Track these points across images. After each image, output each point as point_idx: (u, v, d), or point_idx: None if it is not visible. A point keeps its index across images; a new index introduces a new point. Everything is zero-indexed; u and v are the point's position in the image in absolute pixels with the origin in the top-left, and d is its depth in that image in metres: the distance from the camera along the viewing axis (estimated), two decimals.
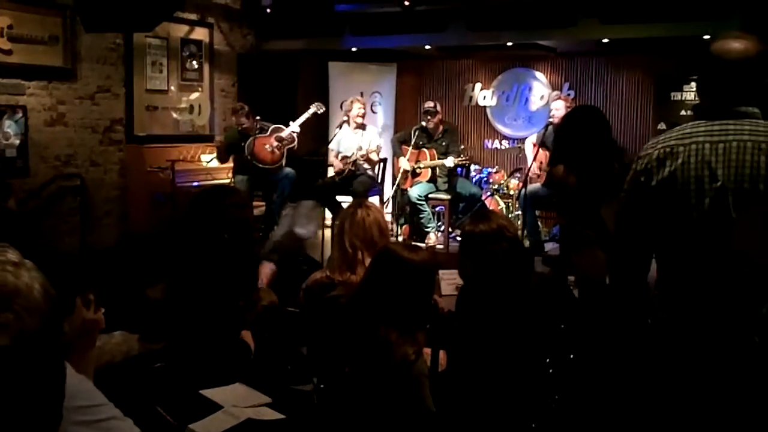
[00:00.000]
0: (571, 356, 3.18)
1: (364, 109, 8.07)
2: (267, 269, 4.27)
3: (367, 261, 3.21)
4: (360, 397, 2.60)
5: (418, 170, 7.82)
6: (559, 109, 7.20)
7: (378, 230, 3.36)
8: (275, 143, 7.77)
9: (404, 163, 7.78)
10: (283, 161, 7.84)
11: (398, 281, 2.66)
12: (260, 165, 7.75)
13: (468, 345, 2.95)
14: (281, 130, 7.85)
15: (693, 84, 8.54)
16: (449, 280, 4.11)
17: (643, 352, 2.45)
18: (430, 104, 7.92)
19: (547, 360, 3.01)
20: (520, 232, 6.34)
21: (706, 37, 7.08)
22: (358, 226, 3.34)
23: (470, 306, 3.01)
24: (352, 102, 8.07)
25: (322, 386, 2.76)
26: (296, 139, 7.85)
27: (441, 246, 7.77)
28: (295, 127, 7.83)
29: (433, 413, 2.63)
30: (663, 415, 2.37)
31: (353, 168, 7.86)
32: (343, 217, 3.47)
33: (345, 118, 8.07)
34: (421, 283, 2.72)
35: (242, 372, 3.01)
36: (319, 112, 7.97)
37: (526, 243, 6.69)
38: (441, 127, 7.92)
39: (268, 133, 7.85)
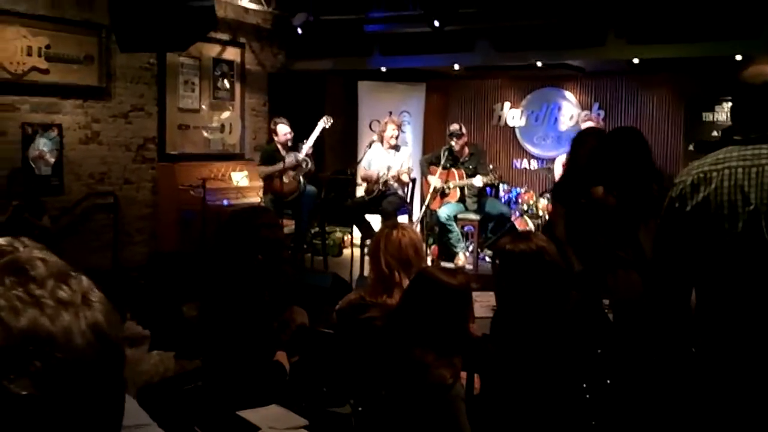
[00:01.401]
0: (609, 381, 3.15)
1: (398, 130, 8.11)
2: None
3: (405, 282, 3.21)
4: (397, 420, 2.60)
5: (447, 190, 7.82)
6: None
7: (414, 251, 3.36)
8: (291, 172, 7.82)
9: (434, 181, 7.79)
10: (301, 186, 7.87)
11: (436, 304, 2.66)
12: (281, 197, 7.80)
13: (503, 369, 2.94)
14: (295, 156, 7.89)
15: (724, 104, 8.47)
16: (482, 302, 4.10)
17: (684, 381, 2.43)
18: (455, 126, 7.93)
19: (584, 385, 2.99)
20: None
21: (738, 57, 7.05)
22: (393, 247, 3.34)
23: (506, 329, 3.00)
24: (386, 123, 8.12)
25: (360, 409, 2.75)
26: (310, 162, 7.88)
27: (470, 266, 7.76)
28: (306, 149, 7.86)
29: None
30: None
31: (383, 188, 7.88)
32: (378, 237, 3.47)
33: (375, 138, 8.11)
34: (458, 306, 2.72)
35: (277, 393, 3.02)
36: (327, 126, 8.01)
37: None
38: (467, 150, 7.94)
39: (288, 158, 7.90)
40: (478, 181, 7.54)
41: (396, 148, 8.05)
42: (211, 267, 3.50)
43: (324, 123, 7.96)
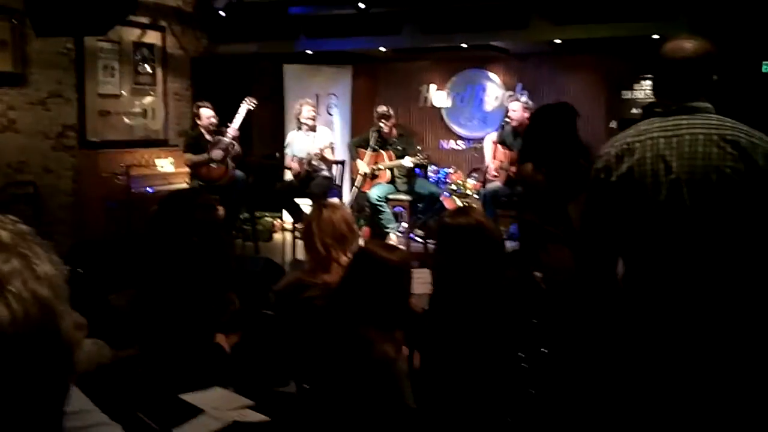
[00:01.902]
0: (545, 351, 3.23)
1: (314, 110, 8.07)
2: None
3: (342, 258, 3.22)
4: (342, 396, 2.61)
5: (376, 172, 7.84)
6: (516, 110, 7.32)
7: (347, 226, 3.38)
8: (219, 154, 7.71)
9: (362, 166, 7.80)
10: (230, 170, 7.77)
11: (377, 281, 2.68)
12: (210, 182, 7.68)
13: (442, 343, 2.98)
14: (221, 141, 7.79)
15: (643, 83, 8.74)
16: (418, 279, 4.13)
17: (614, 346, 2.51)
18: (383, 108, 7.92)
19: (521, 355, 3.06)
20: None
21: (655, 36, 7.27)
22: (326, 225, 3.34)
23: (444, 303, 3.04)
24: (301, 105, 8.08)
25: (306, 387, 2.75)
26: (236, 144, 7.79)
27: (402, 246, 7.80)
28: (231, 132, 7.76)
29: (414, 410, 2.65)
30: (634, 410, 2.43)
31: (309, 168, 7.85)
32: (310, 219, 3.47)
33: (248, 105, 8.02)
34: (399, 282, 2.74)
35: (218, 375, 2.99)
36: (251, 107, 7.92)
37: None
38: (395, 131, 7.96)
39: (213, 142, 7.78)
40: (408, 161, 7.58)
41: (313, 129, 8.01)
42: (144, 251, 3.42)
43: (247, 104, 7.86)
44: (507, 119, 7.35)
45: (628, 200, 2.33)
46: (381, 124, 7.79)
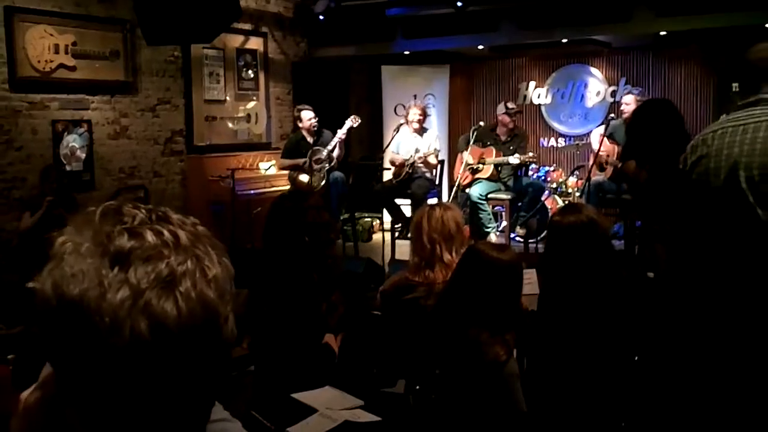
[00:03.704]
0: (657, 354, 3.12)
1: (422, 114, 8.07)
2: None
3: (446, 256, 3.21)
4: (453, 398, 2.59)
5: (480, 167, 7.76)
6: (629, 104, 7.12)
7: (455, 225, 3.37)
8: (315, 166, 7.82)
9: (467, 157, 7.71)
10: (323, 181, 7.86)
11: (487, 281, 2.65)
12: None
13: (553, 344, 2.92)
14: (320, 151, 7.88)
15: None
16: (524, 280, 4.07)
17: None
18: (512, 105, 7.91)
19: (636, 358, 2.96)
20: None
21: (767, 25, 6.93)
22: (437, 222, 3.34)
23: (556, 303, 2.98)
24: (409, 107, 8.12)
25: (417, 388, 2.75)
26: (335, 158, 7.85)
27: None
28: (333, 144, 7.82)
29: (525, 413, 2.61)
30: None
31: (410, 171, 7.87)
32: (420, 216, 3.47)
33: (403, 121, 8.09)
34: (510, 282, 2.70)
35: (327, 376, 3.02)
36: (354, 126, 7.98)
37: None
38: (512, 131, 7.89)
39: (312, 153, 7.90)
40: (515, 159, 7.47)
41: (421, 131, 8.02)
42: (259, 253, 3.50)
43: (351, 122, 7.92)
44: (622, 114, 7.17)
45: (695, 186, 2.59)
46: (507, 120, 7.75)
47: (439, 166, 8.31)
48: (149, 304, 0.74)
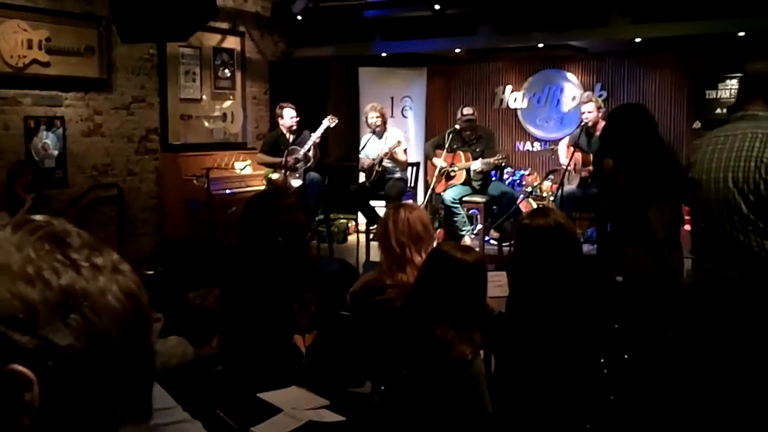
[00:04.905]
0: (626, 356, 3.15)
1: (380, 114, 8.07)
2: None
3: (416, 258, 3.21)
4: (419, 398, 2.59)
5: (452, 173, 7.79)
6: (591, 111, 7.15)
7: (422, 226, 3.36)
8: (290, 162, 7.82)
9: (439, 162, 7.74)
10: (300, 180, 7.87)
11: (452, 281, 2.65)
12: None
13: (520, 345, 2.94)
14: (296, 150, 7.88)
15: (728, 82, 8.42)
16: (493, 282, 4.08)
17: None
18: (469, 111, 7.83)
19: (602, 360, 2.98)
20: None
21: (740, 34, 7.01)
22: (403, 224, 3.33)
23: (522, 306, 2.99)
24: (367, 110, 8.14)
25: (382, 388, 2.75)
26: (312, 160, 7.86)
27: (476, 249, 7.74)
28: (309, 145, 7.83)
29: (491, 414, 2.62)
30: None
31: (380, 169, 7.88)
32: (385, 219, 3.46)
33: (369, 131, 8.12)
34: (475, 282, 2.71)
35: (294, 376, 3.01)
36: (332, 126, 7.99)
37: None
38: (476, 132, 7.90)
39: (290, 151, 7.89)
40: (478, 164, 7.51)
41: (383, 132, 8.04)
42: (232, 252, 3.48)
43: (328, 122, 7.93)
44: (583, 121, 7.21)
45: (691, 190, 2.97)
46: (464, 127, 7.73)
47: (414, 169, 8.33)
48: None
